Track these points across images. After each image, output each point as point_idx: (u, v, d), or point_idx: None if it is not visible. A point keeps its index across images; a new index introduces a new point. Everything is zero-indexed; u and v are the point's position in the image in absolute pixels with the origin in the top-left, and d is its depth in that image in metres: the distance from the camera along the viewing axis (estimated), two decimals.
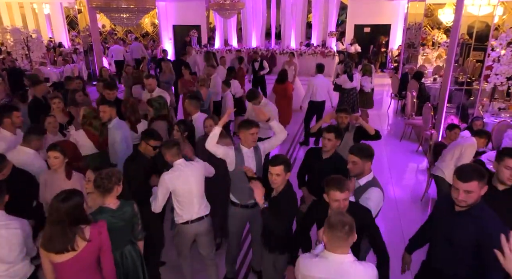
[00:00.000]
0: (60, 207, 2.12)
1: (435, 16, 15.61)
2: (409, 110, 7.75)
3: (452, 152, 4.30)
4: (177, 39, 16.84)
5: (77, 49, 13.97)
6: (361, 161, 2.72)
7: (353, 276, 1.90)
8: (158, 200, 3.02)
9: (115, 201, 2.58)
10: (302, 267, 2.01)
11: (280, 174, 2.63)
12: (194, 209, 3.12)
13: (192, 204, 3.10)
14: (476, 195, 2.09)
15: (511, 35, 6.42)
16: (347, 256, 1.93)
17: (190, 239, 3.23)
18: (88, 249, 2.22)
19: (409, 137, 7.67)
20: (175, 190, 3.03)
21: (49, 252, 2.16)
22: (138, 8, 5.87)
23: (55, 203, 2.14)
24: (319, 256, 1.99)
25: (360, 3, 14.56)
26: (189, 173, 3.06)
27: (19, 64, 10.66)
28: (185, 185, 3.04)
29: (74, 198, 2.18)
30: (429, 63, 12.39)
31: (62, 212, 2.12)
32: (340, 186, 2.30)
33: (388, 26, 15.01)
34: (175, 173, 3.03)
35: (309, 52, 13.99)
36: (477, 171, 2.10)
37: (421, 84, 8.43)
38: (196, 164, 3.21)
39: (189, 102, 4.63)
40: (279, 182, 2.66)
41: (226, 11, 9.88)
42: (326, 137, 3.29)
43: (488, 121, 6.08)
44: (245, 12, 14.95)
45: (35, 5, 17.13)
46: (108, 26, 19.10)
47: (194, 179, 3.08)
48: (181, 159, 3.09)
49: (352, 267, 1.92)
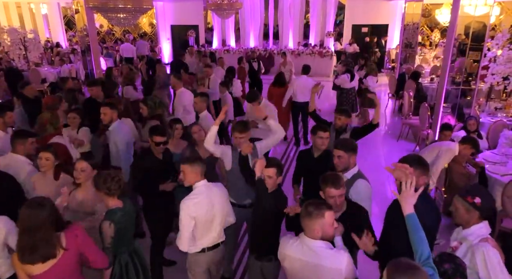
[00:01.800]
0: (38, 214, 2.01)
1: (432, 16, 15.66)
2: (406, 110, 7.77)
3: (430, 152, 4.27)
4: (175, 39, 16.83)
5: (75, 49, 13.93)
6: (346, 154, 2.79)
7: (323, 259, 2.04)
8: (183, 234, 2.59)
9: (119, 200, 2.61)
10: (281, 246, 2.22)
11: (272, 177, 2.65)
12: (213, 235, 2.75)
13: (210, 232, 2.72)
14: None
15: (507, 35, 6.44)
16: (319, 241, 2.07)
17: (206, 270, 2.85)
18: (67, 256, 2.11)
19: (406, 137, 7.69)
20: (198, 217, 2.60)
21: (28, 264, 2.02)
22: (135, 8, 5.85)
23: (32, 211, 2.02)
24: (297, 239, 2.15)
25: (358, 3, 14.58)
26: (213, 198, 2.65)
27: (16, 64, 10.63)
28: (208, 213, 2.62)
29: (48, 203, 2.11)
30: (426, 63, 12.42)
31: (41, 219, 2.01)
32: (336, 183, 2.35)
33: (386, 26, 15.04)
34: (200, 197, 2.59)
35: (307, 52, 14.01)
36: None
37: (418, 84, 8.46)
38: (220, 186, 2.83)
39: (199, 99, 4.61)
40: (270, 184, 2.68)
41: (224, 11, 9.88)
42: (321, 135, 3.29)
43: (485, 121, 6.10)
44: (243, 12, 14.97)
45: (32, 5, 17.09)
46: (106, 26, 19.06)
47: (219, 206, 2.69)
48: (203, 180, 2.66)
49: (324, 251, 2.05)
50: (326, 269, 2.03)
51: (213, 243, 2.76)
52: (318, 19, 14.95)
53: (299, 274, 2.14)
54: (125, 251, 2.64)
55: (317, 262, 2.05)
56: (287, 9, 14.79)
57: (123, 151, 3.91)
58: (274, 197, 2.72)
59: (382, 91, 11.59)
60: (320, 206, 2.08)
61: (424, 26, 15.79)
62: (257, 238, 2.82)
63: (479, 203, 2.17)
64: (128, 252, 2.66)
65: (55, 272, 2.09)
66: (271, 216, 2.70)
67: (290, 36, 15.05)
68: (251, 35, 15.45)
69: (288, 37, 15.09)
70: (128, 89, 6.21)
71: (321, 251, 2.05)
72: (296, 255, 2.11)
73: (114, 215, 2.52)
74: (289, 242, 2.18)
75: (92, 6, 5.73)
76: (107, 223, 2.48)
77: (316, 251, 2.05)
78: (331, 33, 14.89)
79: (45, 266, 2.05)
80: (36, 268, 2.04)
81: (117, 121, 4.04)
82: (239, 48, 15.23)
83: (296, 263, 2.13)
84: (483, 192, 2.28)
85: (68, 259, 2.13)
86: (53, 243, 2.05)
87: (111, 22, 6.30)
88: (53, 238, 2.06)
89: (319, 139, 3.30)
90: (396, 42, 14.39)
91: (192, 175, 2.60)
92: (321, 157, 3.35)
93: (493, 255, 2.11)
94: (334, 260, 2.03)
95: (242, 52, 14.54)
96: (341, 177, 2.44)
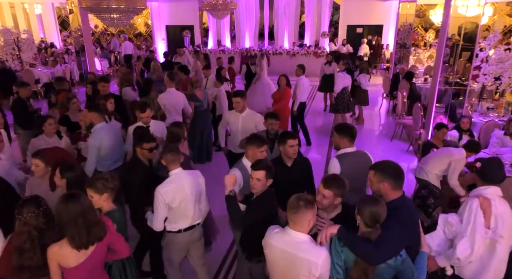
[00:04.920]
0: (84, 201, 2.21)
1: (426, 16, 15.75)
2: (399, 110, 7.81)
3: (440, 160, 4.14)
4: (170, 39, 16.81)
5: (69, 50, 13.87)
6: (338, 136, 3.19)
7: (302, 251, 2.10)
8: (158, 218, 2.85)
9: (113, 204, 2.65)
10: (266, 235, 2.27)
11: (260, 179, 2.61)
12: (188, 219, 2.99)
13: (186, 215, 2.96)
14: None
15: (499, 36, 6.50)
16: (302, 234, 2.13)
17: (182, 249, 3.09)
18: (100, 247, 2.26)
19: (400, 137, 7.73)
20: (170, 203, 2.85)
21: (85, 246, 2.17)
22: (128, 9, 5.84)
23: (74, 201, 2.16)
24: (282, 229, 2.22)
25: (353, 3, 14.64)
26: (186, 185, 2.89)
27: (9, 65, 10.56)
28: (181, 198, 2.87)
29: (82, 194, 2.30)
30: (420, 63, 12.49)
31: (88, 203, 2.24)
32: (327, 182, 2.40)
33: (381, 26, 15.11)
34: (171, 186, 2.84)
35: (302, 53, 14.04)
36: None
37: (412, 84, 8.51)
38: (194, 174, 3.02)
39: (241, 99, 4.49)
40: (258, 187, 2.62)
41: (219, 12, 9.88)
42: (292, 144, 3.17)
43: (477, 121, 6.15)
44: (238, 13, 14.98)
45: (26, 5, 16.98)
46: (101, 26, 18.99)
47: (190, 191, 2.91)
48: (178, 168, 2.91)
49: (304, 244, 2.11)
50: (304, 261, 2.08)
51: (188, 225, 3.00)
52: (313, 19, 14.99)
53: (278, 262, 2.21)
54: None
55: (296, 253, 2.10)
56: (282, 9, 14.81)
57: (92, 156, 3.87)
58: (261, 203, 2.65)
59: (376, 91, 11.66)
60: (309, 197, 2.17)
61: (419, 27, 15.89)
62: (248, 240, 2.80)
63: (479, 167, 2.67)
64: None
65: (89, 264, 2.23)
66: (261, 221, 2.63)
67: (286, 36, 15.08)
68: (246, 35, 15.46)
69: (283, 38, 15.11)
70: (126, 90, 6.21)
71: (302, 244, 2.11)
72: (278, 244, 2.18)
73: (112, 215, 2.56)
74: (274, 231, 2.24)
75: (85, 7, 5.71)
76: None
77: (297, 243, 2.12)
78: (326, 33, 14.93)
79: (81, 258, 2.19)
80: (73, 260, 2.17)
81: (100, 123, 3.98)
82: (234, 48, 15.23)
83: (276, 252, 2.19)
84: (485, 160, 2.79)
85: (100, 250, 2.28)
86: (102, 225, 2.27)
87: (105, 22, 6.28)
88: (100, 221, 2.28)
89: (288, 148, 3.17)
90: (391, 42, 14.47)
91: (166, 162, 2.88)
92: (295, 165, 3.25)
93: (474, 207, 2.54)
94: (312, 253, 2.09)
95: (238, 52, 14.56)
96: (336, 179, 2.43)
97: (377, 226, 2.09)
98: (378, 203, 2.10)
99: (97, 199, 2.55)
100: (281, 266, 2.21)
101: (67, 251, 2.16)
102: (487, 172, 2.65)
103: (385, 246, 2.05)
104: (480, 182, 2.67)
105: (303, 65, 7.31)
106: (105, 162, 4.02)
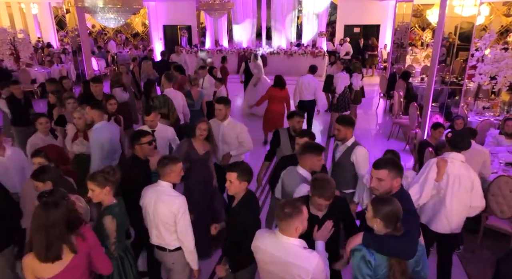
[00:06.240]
0: (53, 213, 2.01)
1: (424, 16, 15.80)
2: (396, 109, 7.84)
3: (475, 159, 3.95)
4: (168, 39, 16.78)
5: (66, 49, 13.83)
6: (343, 128, 3.38)
7: (293, 257, 2.05)
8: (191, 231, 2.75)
9: (113, 197, 2.62)
10: (256, 239, 2.24)
11: (232, 182, 2.53)
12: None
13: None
14: (388, 184, 2.36)
15: (494, 35, 6.52)
16: (293, 239, 2.08)
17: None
18: (77, 259, 2.12)
19: (397, 136, 7.75)
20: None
21: (44, 262, 2.01)
22: (124, 8, 5.82)
23: (47, 210, 2.01)
24: (272, 233, 2.18)
25: (350, 3, 14.66)
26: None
27: (5, 65, 10.52)
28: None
29: (63, 204, 2.11)
30: (417, 63, 12.53)
31: (56, 217, 2.01)
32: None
33: (378, 26, 15.14)
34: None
35: (299, 52, 14.05)
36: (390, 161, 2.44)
37: (409, 84, 8.54)
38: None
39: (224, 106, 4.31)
40: (231, 189, 2.57)
41: (216, 11, 9.90)
42: (298, 142, 3.27)
43: (472, 120, 6.18)
44: (236, 12, 14.97)
45: (22, 4, 16.92)
46: (98, 26, 18.95)
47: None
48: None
49: (295, 249, 2.07)
50: (294, 266, 2.05)
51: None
52: (310, 19, 15.00)
53: (269, 267, 2.18)
54: (119, 247, 2.63)
55: (287, 259, 2.06)
56: (279, 9, 14.82)
57: (94, 153, 3.86)
58: (239, 212, 2.59)
59: (374, 90, 11.68)
60: (295, 203, 2.09)
61: (416, 26, 15.93)
62: (232, 251, 2.68)
63: (450, 137, 3.23)
64: (122, 248, 2.67)
65: (66, 276, 2.08)
66: (246, 230, 2.51)
67: (283, 36, 15.08)
68: (243, 35, 15.45)
69: (280, 37, 15.12)
70: (116, 91, 6.13)
71: (293, 249, 2.07)
72: (268, 249, 2.13)
73: (113, 210, 2.54)
74: (264, 235, 2.20)
75: (81, 6, 5.69)
76: (109, 218, 2.49)
77: (288, 248, 2.07)
78: (324, 33, 14.94)
79: (56, 269, 2.05)
80: (47, 272, 2.04)
81: (101, 122, 3.98)
82: (231, 48, 15.23)
83: (267, 257, 2.15)
84: (454, 132, 3.62)
85: (78, 262, 2.13)
86: (67, 242, 2.06)
87: (101, 22, 6.27)
88: (66, 237, 2.07)
89: (297, 145, 3.33)
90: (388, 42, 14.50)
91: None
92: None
93: (431, 164, 3.06)
94: (304, 259, 2.04)
95: (235, 52, 14.55)
96: (330, 186, 2.40)
97: (398, 226, 2.02)
98: (393, 201, 2.04)
99: (98, 193, 2.51)
100: (271, 271, 2.17)
101: (39, 261, 2.04)
102: (455, 141, 3.14)
103: (412, 237, 2.07)
104: (448, 149, 3.20)
105: (314, 65, 7.36)
106: (104, 161, 3.95)
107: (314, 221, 2.40)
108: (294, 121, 3.96)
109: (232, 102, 8.49)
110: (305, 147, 2.96)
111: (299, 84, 7.01)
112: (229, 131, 4.10)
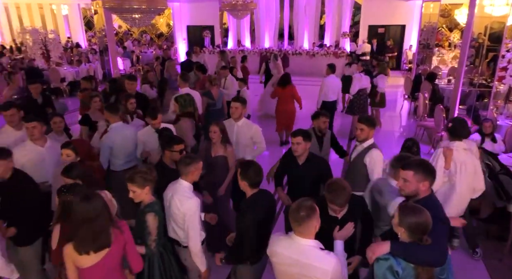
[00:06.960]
0: (96, 205, 2.09)
1: (452, 16, 15.32)
2: (421, 111, 7.63)
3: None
4: (191, 39, 17.03)
5: (94, 49, 14.28)
6: (367, 128, 3.37)
7: (312, 258, 2.03)
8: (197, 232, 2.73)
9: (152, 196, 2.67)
10: (272, 243, 2.22)
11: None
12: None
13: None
14: (413, 186, 2.25)
15: None
16: (311, 240, 2.07)
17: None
18: (114, 250, 2.19)
19: (421, 139, 7.53)
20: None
21: (89, 253, 2.09)
22: (149, 9, 5.96)
23: (88, 203, 2.08)
24: (287, 237, 2.15)
25: (374, 3, 14.40)
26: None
27: (37, 64, 10.96)
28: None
29: (99, 196, 2.18)
30: (444, 64, 12.16)
31: (99, 209, 2.09)
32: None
33: (403, 26, 14.81)
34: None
35: (321, 53, 13.93)
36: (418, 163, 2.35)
37: (434, 85, 8.29)
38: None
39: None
40: (241, 186, 2.61)
41: (238, 12, 9.95)
42: (294, 141, 3.18)
43: (502, 123, 5.93)
44: (258, 13, 15.01)
45: (54, 6, 17.60)
46: (124, 27, 19.45)
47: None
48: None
49: (313, 251, 2.05)
50: (313, 268, 2.04)
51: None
52: (333, 19, 14.84)
53: (287, 270, 2.16)
54: (159, 244, 2.68)
55: (306, 261, 2.05)
56: (302, 9, 14.75)
57: (102, 153, 3.87)
58: (243, 209, 2.58)
59: (398, 92, 11.43)
60: (307, 204, 2.06)
61: (443, 27, 15.47)
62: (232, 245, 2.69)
63: (450, 126, 3.49)
64: (161, 244, 2.72)
65: (104, 265, 2.16)
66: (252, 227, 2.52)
67: (305, 36, 15.00)
68: (266, 35, 15.47)
69: (303, 38, 15.04)
70: (145, 88, 6.38)
71: (311, 251, 2.05)
72: (286, 252, 2.12)
73: (154, 207, 2.58)
74: (280, 239, 2.19)
75: (108, 7, 5.87)
76: (151, 215, 2.53)
77: (306, 251, 2.06)
78: (347, 33, 14.76)
79: (97, 258, 2.13)
80: (89, 260, 2.12)
81: (115, 123, 3.94)
82: (254, 48, 15.28)
83: (286, 260, 2.14)
84: (454, 121, 3.65)
85: (115, 253, 2.20)
86: (110, 232, 2.16)
87: (127, 22, 6.44)
88: (110, 227, 2.17)
89: (293, 144, 3.21)
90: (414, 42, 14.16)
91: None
92: (306, 164, 3.26)
93: (438, 153, 3.38)
94: (322, 260, 2.03)
95: (257, 52, 14.59)
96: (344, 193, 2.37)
97: (425, 238, 1.94)
98: (421, 213, 1.93)
99: (140, 193, 2.54)
100: (289, 273, 2.15)
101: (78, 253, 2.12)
102: (455, 130, 3.40)
103: (441, 244, 2.02)
104: (449, 138, 3.43)
105: (332, 64, 7.25)
106: (117, 162, 3.95)
107: (333, 222, 2.39)
108: (320, 121, 3.98)
109: (253, 102, 8.60)
110: (399, 159, 2.79)
111: (325, 85, 6.94)
112: (244, 132, 4.04)
